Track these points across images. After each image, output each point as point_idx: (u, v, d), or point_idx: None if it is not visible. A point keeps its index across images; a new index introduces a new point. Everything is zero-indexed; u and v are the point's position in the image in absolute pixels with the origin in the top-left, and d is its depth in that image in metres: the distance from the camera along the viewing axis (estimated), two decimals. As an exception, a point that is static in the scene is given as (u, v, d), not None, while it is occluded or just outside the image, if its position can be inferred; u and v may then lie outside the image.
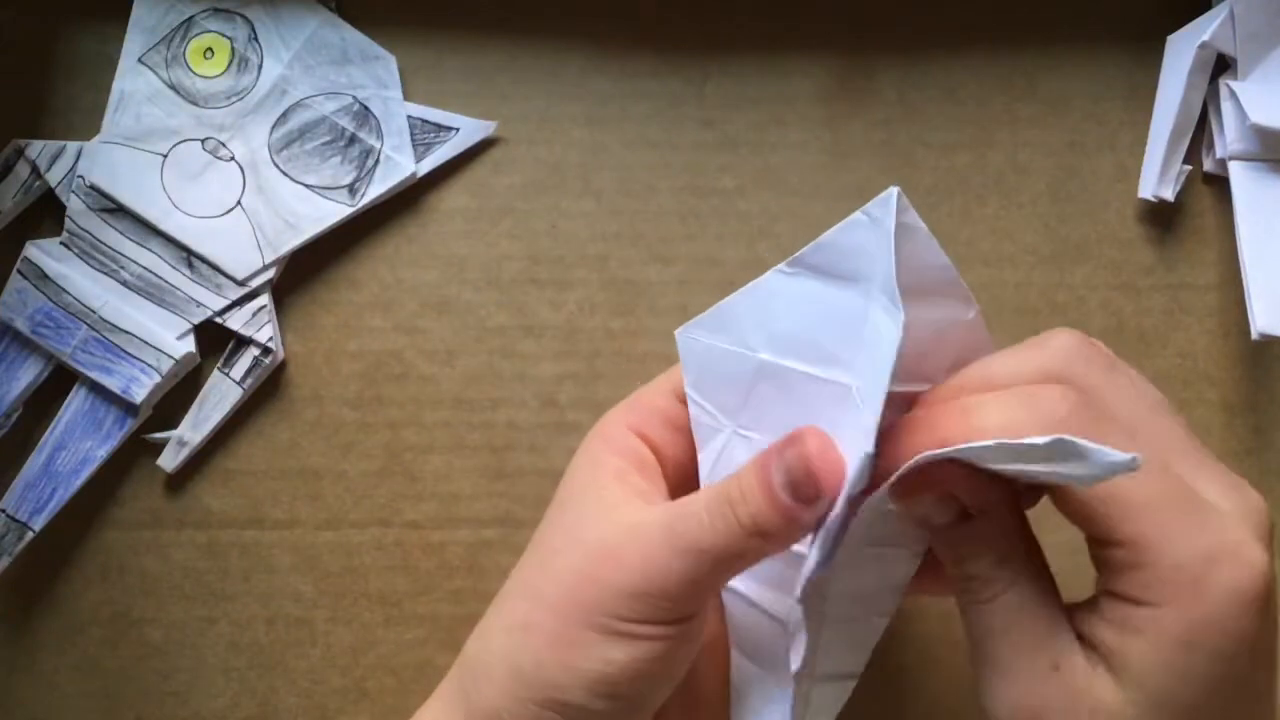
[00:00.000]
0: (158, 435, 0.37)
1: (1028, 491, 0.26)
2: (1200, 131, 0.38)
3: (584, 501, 0.28)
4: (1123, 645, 0.23)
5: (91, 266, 0.37)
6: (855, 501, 0.24)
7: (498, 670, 0.27)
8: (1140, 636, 0.23)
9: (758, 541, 0.25)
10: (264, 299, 0.37)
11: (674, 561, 0.25)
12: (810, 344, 0.25)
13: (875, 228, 0.24)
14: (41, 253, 0.37)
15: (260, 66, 0.38)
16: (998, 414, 0.23)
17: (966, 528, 0.25)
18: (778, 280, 0.25)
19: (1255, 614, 0.22)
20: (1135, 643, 0.23)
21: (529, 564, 0.28)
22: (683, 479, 0.30)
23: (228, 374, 0.37)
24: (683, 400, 0.29)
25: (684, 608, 0.26)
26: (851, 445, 0.24)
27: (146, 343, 0.36)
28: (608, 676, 0.25)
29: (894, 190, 0.23)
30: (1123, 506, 0.23)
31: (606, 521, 0.27)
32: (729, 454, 0.27)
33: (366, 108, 0.38)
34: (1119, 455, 0.20)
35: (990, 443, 0.22)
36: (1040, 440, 0.21)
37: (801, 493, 0.24)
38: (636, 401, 0.30)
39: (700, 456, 0.28)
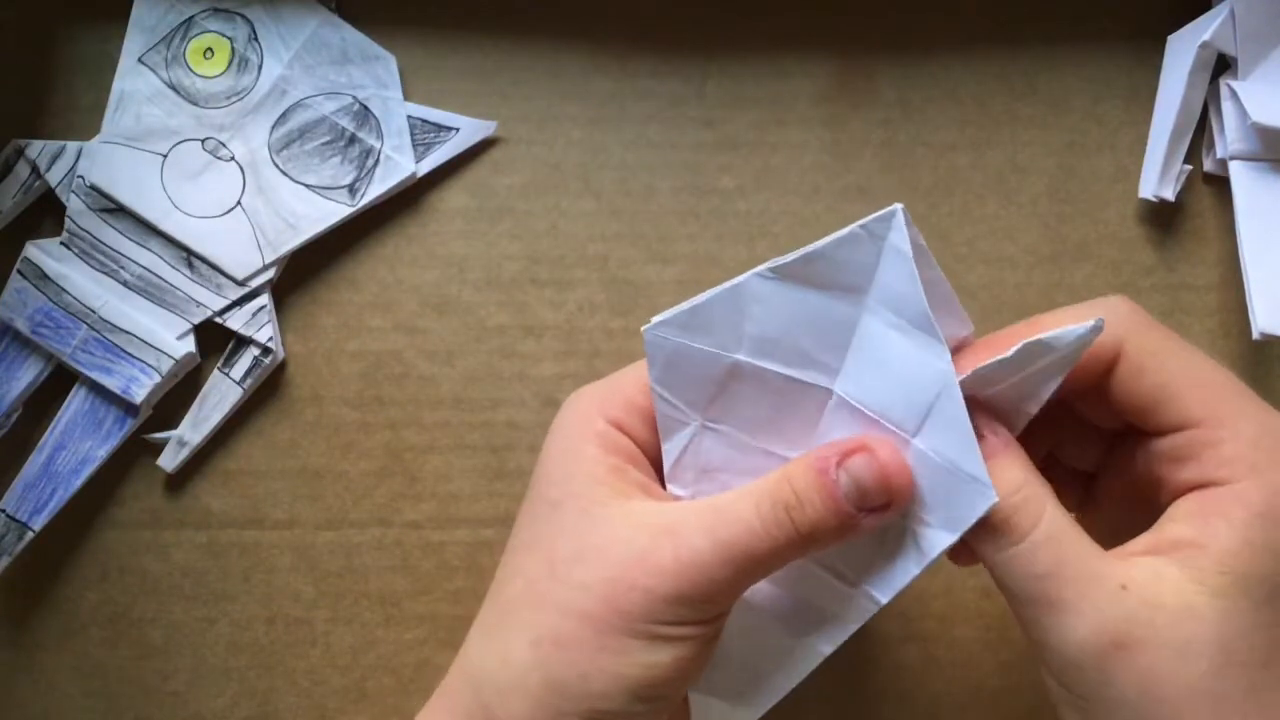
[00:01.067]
0: (158, 435, 0.37)
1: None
2: (1200, 132, 0.38)
3: (588, 502, 0.26)
4: (1201, 533, 0.23)
5: (91, 266, 0.37)
6: None
7: (530, 686, 0.25)
8: (1219, 519, 0.23)
9: (809, 546, 0.25)
10: (264, 299, 0.37)
11: (720, 567, 0.25)
12: (790, 348, 0.25)
13: (873, 243, 0.24)
14: (41, 253, 0.37)
15: (260, 66, 0.38)
16: (1056, 319, 0.24)
17: (994, 455, 0.24)
18: (758, 284, 0.25)
19: None
20: (1214, 526, 0.23)
21: (533, 571, 0.27)
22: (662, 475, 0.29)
23: (228, 374, 0.37)
24: None
25: (723, 606, 0.26)
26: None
27: (146, 343, 0.36)
28: (653, 680, 0.25)
29: (898, 208, 0.23)
30: (1192, 388, 0.24)
31: (629, 524, 0.26)
32: (698, 446, 0.27)
33: (366, 108, 0.38)
34: (1085, 324, 0.22)
35: (968, 374, 0.24)
36: (1011, 352, 0.23)
37: (870, 502, 0.24)
38: (612, 394, 0.28)
39: (665, 448, 0.27)
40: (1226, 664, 0.22)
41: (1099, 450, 0.29)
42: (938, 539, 0.25)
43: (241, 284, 0.37)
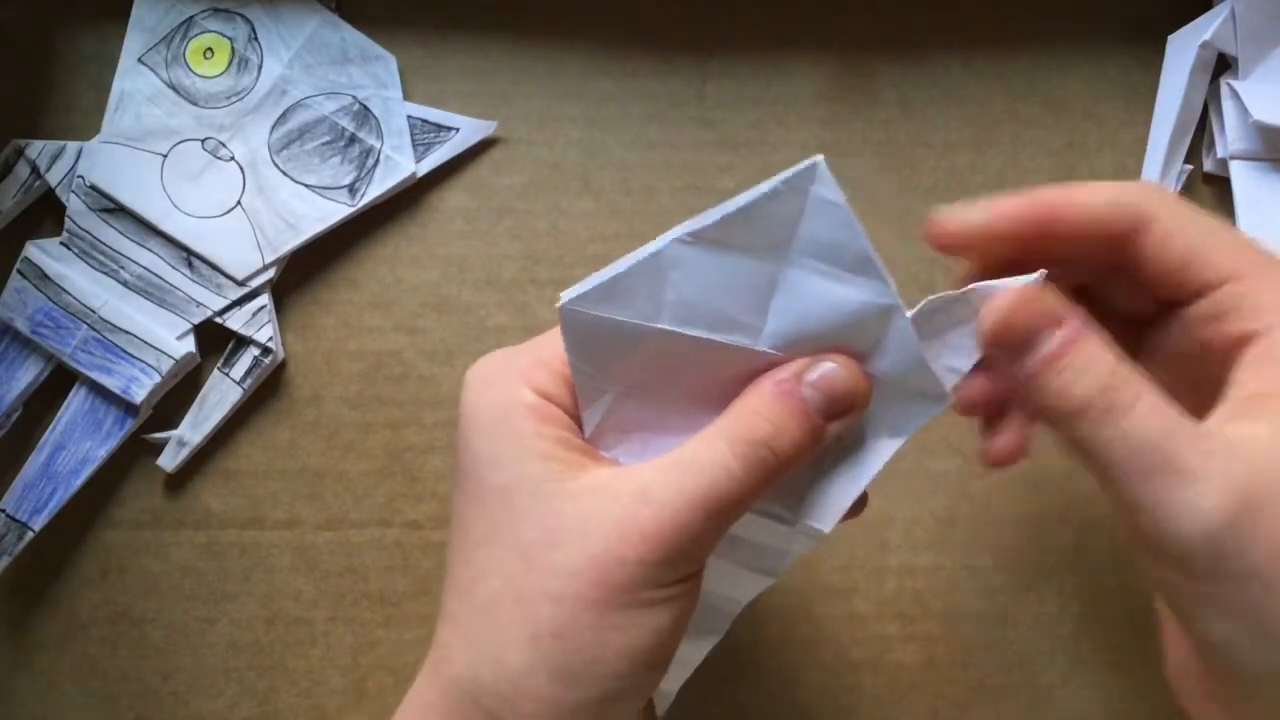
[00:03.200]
0: (158, 435, 0.37)
1: None
2: (1200, 132, 0.38)
3: (542, 481, 0.25)
4: (1275, 382, 0.22)
5: (91, 266, 0.37)
6: None
7: (538, 685, 0.24)
8: None
9: (783, 473, 0.25)
10: (264, 299, 0.37)
11: (702, 520, 0.24)
12: (711, 312, 0.25)
13: (794, 198, 0.24)
14: (41, 253, 0.37)
15: (260, 66, 0.38)
16: (1086, 193, 0.25)
17: (1070, 334, 0.23)
18: (677, 250, 0.25)
19: None
20: None
21: (506, 566, 0.25)
22: None
23: (228, 374, 0.37)
24: None
25: (709, 551, 0.26)
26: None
27: (146, 343, 0.36)
28: (662, 642, 0.25)
29: (819, 159, 0.24)
30: (1221, 247, 0.24)
31: (596, 498, 0.25)
32: (618, 410, 0.26)
33: (366, 108, 0.38)
34: (1028, 277, 0.24)
35: (917, 307, 0.25)
36: (959, 292, 0.24)
37: (837, 408, 0.25)
38: (533, 365, 0.27)
39: (585, 414, 0.26)
40: None
41: (1130, 339, 0.28)
42: (882, 448, 0.26)
43: (241, 284, 0.37)
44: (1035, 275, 0.24)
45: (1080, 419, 0.23)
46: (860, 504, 0.28)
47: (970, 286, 0.24)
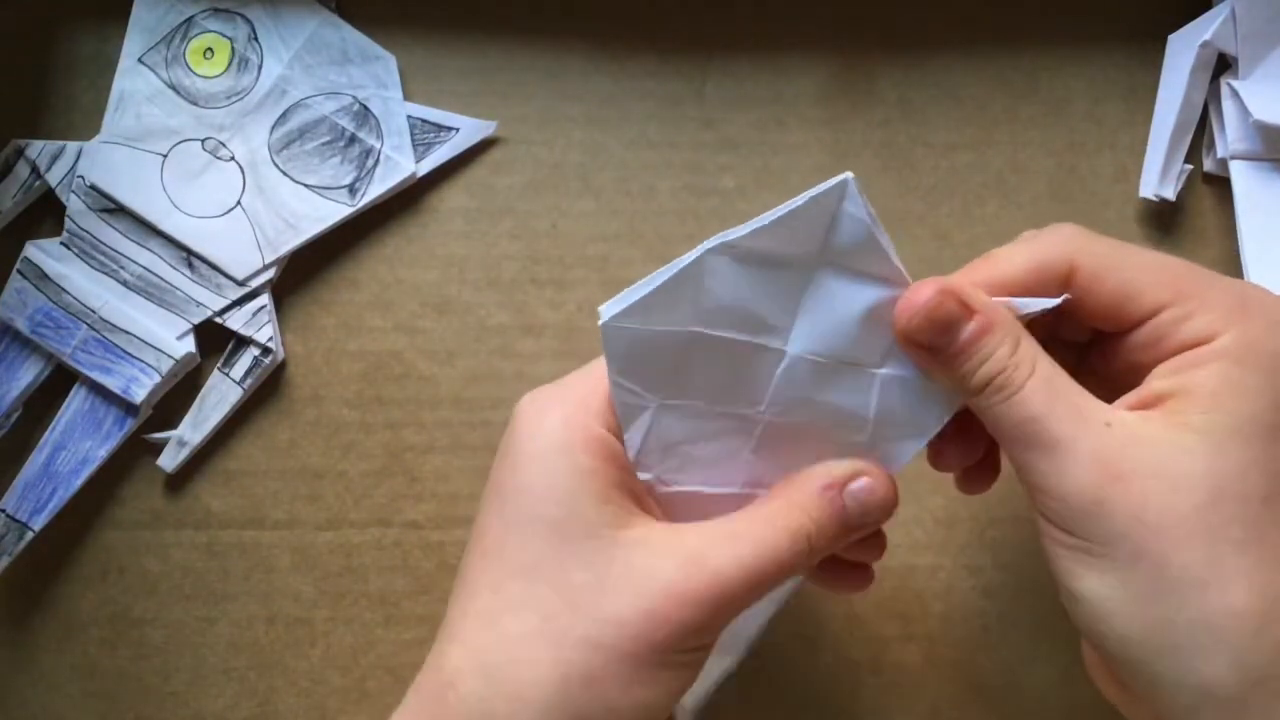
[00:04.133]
0: (158, 435, 0.37)
1: None
2: (1200, 132, 0.38)
3: (599, 525, 0.26)
4: (1182, 383, 0.24)
5: (91, 266, 0.37)
6: None
7: None
8: (1197, 369, 0.24)
9: (814, 562, 0.27)
10: (264, 299, 0.37)
11: (747, 592, 0.26)
12: (742, 315, 0.26)
13: (823, 213, 0.25)
14: (41, 253, 0.37)
15: (260, 66, 0.38)
16: (1009, 254, 0.27)
17: (980, 325, 0.25)
18: (711, 260, 0.26)
19: None
20: (1194, 375, 0.24)
21: (548, 605, 0.25)
22: None
23: (228, 374, 0.37)
24: None
25: (730, 622, 0.27)
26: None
27: (146, 343, 0.36)
28: (673, 698, 0.26)
29: (847, 177, 0.25)
30: (1155, 277, 0.25)
31: (652, 553, 0.25)
32: (659, 425, 0.27)
33: (366, 108, 0.38)
34: (1054, 299, 0.26)
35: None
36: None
37: (868, 520, 0.27)
38: (591, 394, 0.27)
39: (628, 435, 0.27)
40: (1220, 498, 0.23)
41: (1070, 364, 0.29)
42: (905, 449, 0.27)
43: (241, 284, 0.37)
44: (1058, 300, 0.26)
45: (981, 397, 0.25)
46: (867, 576, 0.31)
47: (999, 300, 0.26)
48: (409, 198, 0.39)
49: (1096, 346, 0.29)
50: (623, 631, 0.25)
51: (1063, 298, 0.26)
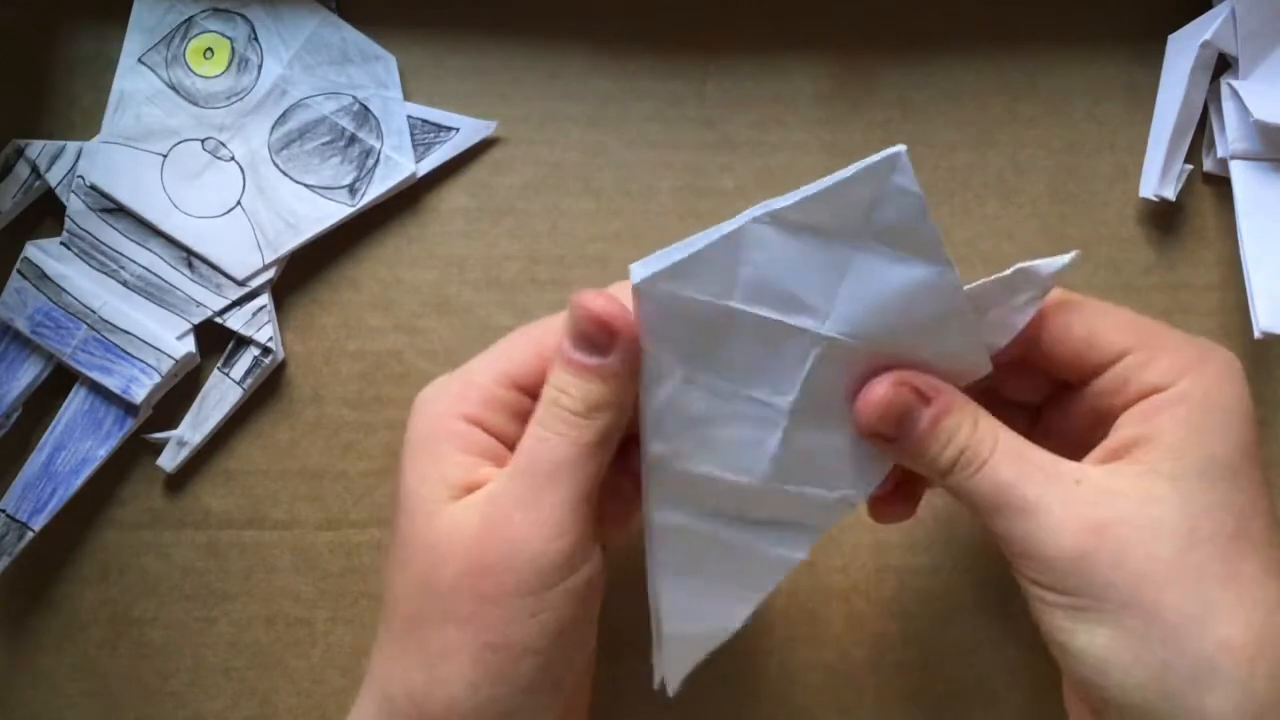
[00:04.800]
0: (158, 435, 0.37)
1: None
2: (1200, 132, 0.38)
3: (435, 501, 0.27)
4: (1147, 431, 0.25)
5: (91, 266, 0.37)
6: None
7: (451, 696, 0.26)
8: (1161, 416, 0.25)
9: (599, 419, 0.26)
10: (264, 299, 0.37)
11: (548, 498, 0.25)
12: (780, 292, 0.26)
13: (872, 185, 0.25)
14: (41, 253, 0.37)
15: (260, 66, 0.38)
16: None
17: (937, 409, 0.26)
18: (756, 230, 0.25)
19: (1245, 383, 0.26)
20: (1158, 422, 0.25)
21: (407, 589, 0.27)
22: None
23: (228, 374, 0.37)
24: (519, 387, 0.28)
25: (586, 547, 0.26)
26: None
27: (146, 343, 0.36)
28: (567, 617, 0.26)
29: (901, 150, 0.24)
30: (1118, 324, 0.27)
31: (467, 507, 0.26)
32: (680, 399, 0.27)
33: (366, 108, 0.38)
34: (1066, 256, 0.26)
35: (974, 285, 0.26)
36: (1008, 271, 0.26)
37: (596, 342, 0.26)
38: (466, 389, 0.28)
39: (644, 401, 0.27)
40: (1196, 539, 0.24)
41: (1025, 427, 0.30)
42: None
43: (241, 284, 0.37)
44: (1070, 255, 0.27)
45: (950, 476, 0.26)
46: (907, 505, 0.30)
47: (1016, 267, 0.26)
48: (409, 198, 0.39)
49: (1054, 404, 0.30)
50: (459, 597, 0.25)
51: (1074, 253, 0.27)
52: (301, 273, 0.38)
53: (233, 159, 0.38)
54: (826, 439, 0.27)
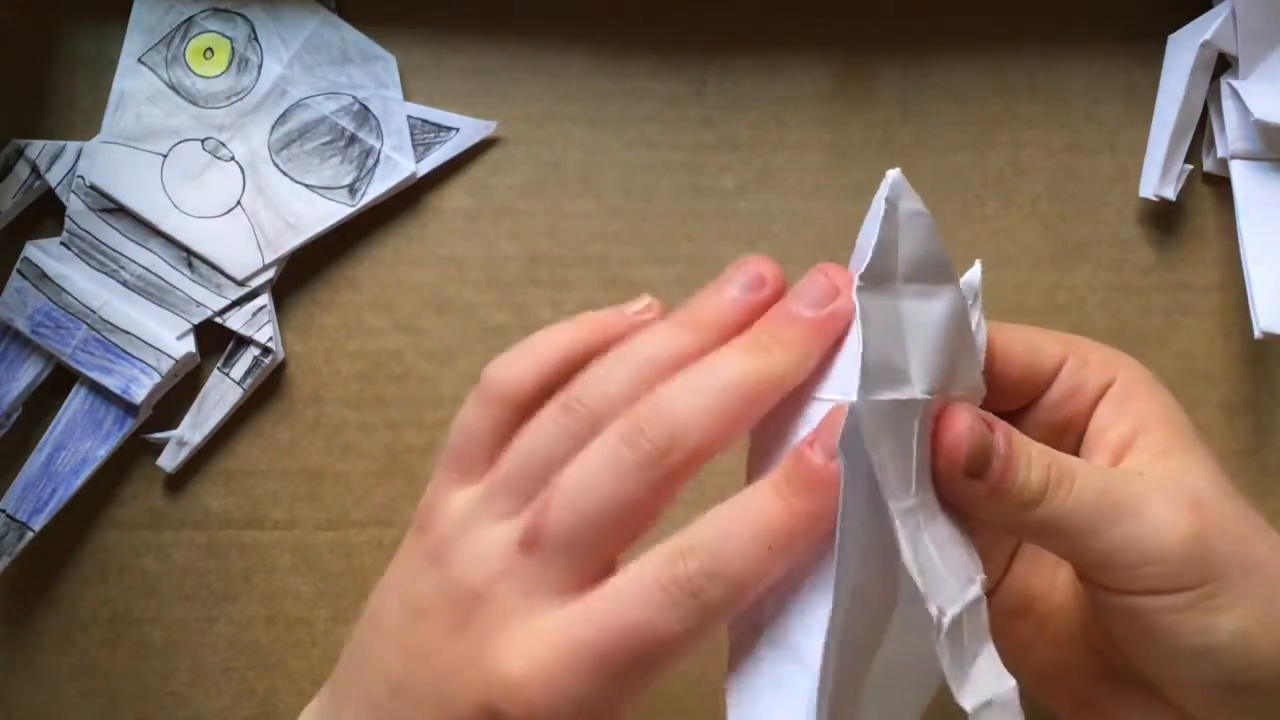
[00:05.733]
0: (158, 435, 0.37)
1: None
2: (1200, 132, 0.38)
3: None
4: (1134, 418, 0.26)
5: (91, 266, 0.37)
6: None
7: None
8: (1133, 400, 0.26)
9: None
10: (264, 299, 0.37)
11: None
12: (890, 368, 0.23)
13: (892, 216, 0.23)
14: (41, 253, 0.37)
15: (260, 66, 0.38)
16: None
17: (1003, 429, 0.24)
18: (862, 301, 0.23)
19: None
20: (1135, 405, 0.26)
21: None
22: None
23: (228, 374, 0.37)
24: None
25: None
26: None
27: (146, 343, 0.36)
28: None
29: (895, 172, 0.23)
30: (1046, 337, 0.28)
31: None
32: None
33: (366, 108, 0.38)
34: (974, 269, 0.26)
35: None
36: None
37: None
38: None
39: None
40: (1233, 495, 0.25)
41: None
42: None
43: (241, 284, 0.37)
44: (976, 264, 0.27)
45: (1041, 505, 0.24)
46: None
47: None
48: (409, 198, 0.39)
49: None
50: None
51: (978, 262, 0.27)
52: (301, 273, 0.38)
53: (233, 159, 0.38)
54: (942, 526, 0.24)
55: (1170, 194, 0.38)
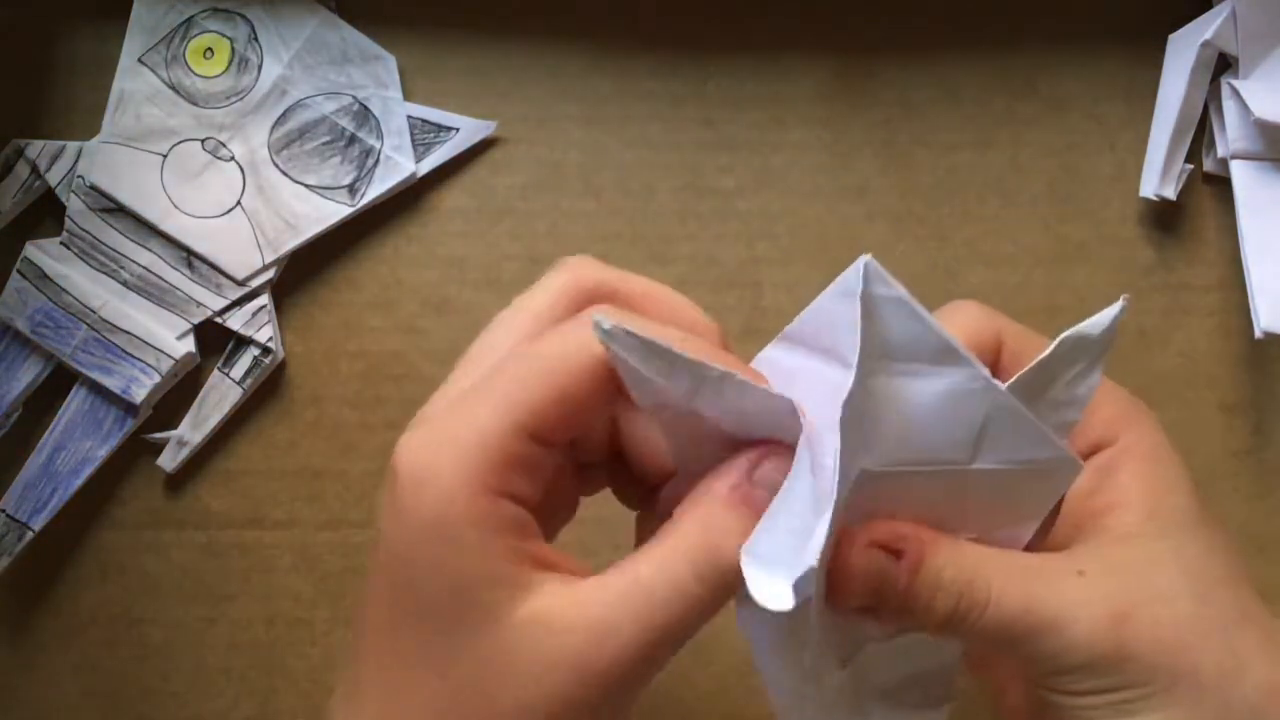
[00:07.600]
0: (158, 435, 0.37)
1: None
2: (1200, 132, 0.38)
3: (487, 606, 0.22)
4: (1113, 491, 0.25)
5: (91, 266, 0.37)
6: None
7: None
8: (1122, 469, 0.25)
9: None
10: (264, 299, 0.37)
11: (663, 653, 0.22)
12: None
13: (846, 300, 0.21)
14: (41, 253, 0.37)
15: (260, 66, 0.38)
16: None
17: (911, 557, 0.23)
18: (772, 353, 0.24)
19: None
20: (1121, 478, 0.25)
21: (438, 701, 0.22)
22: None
23: (228, 374, 0.37)
24: (538, 439, 0.22)
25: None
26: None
27: (146, 343, 0.37)
28: None
29: (866, 258, 0.21)
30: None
31: (550, 631, 0.22)
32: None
33: (366, 108, 0.38)
34: (1116, 305, 0.23)
35: (1010, 381, 0.22)
36: (1049, 349, 0.22)
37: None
38: (479, 451, 0.22)
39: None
40: (1203, 593, 0.24)
41: None
42: (1019, 537, 0.25)
43: (241, 284, 0.37)
44: (1121, 303, 0.23)
45: (950, 627, 0.23)
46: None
47: (1060, 338, 0.23)
48: (409, 198, 0.39)
49: None
50: None
51: (1123, 299, 0.23)
52: (301, 273, 0.38)
53: (233, 159, 0.38)
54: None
55: (1170, 194, 0.38)
